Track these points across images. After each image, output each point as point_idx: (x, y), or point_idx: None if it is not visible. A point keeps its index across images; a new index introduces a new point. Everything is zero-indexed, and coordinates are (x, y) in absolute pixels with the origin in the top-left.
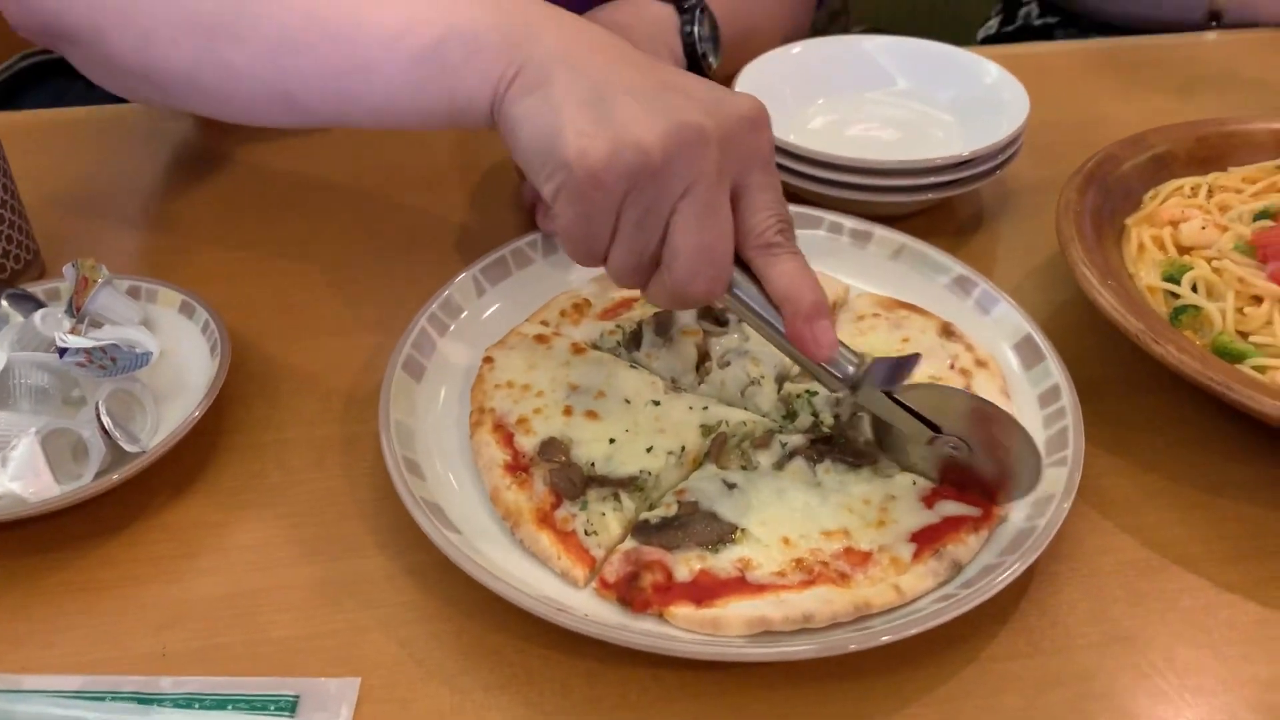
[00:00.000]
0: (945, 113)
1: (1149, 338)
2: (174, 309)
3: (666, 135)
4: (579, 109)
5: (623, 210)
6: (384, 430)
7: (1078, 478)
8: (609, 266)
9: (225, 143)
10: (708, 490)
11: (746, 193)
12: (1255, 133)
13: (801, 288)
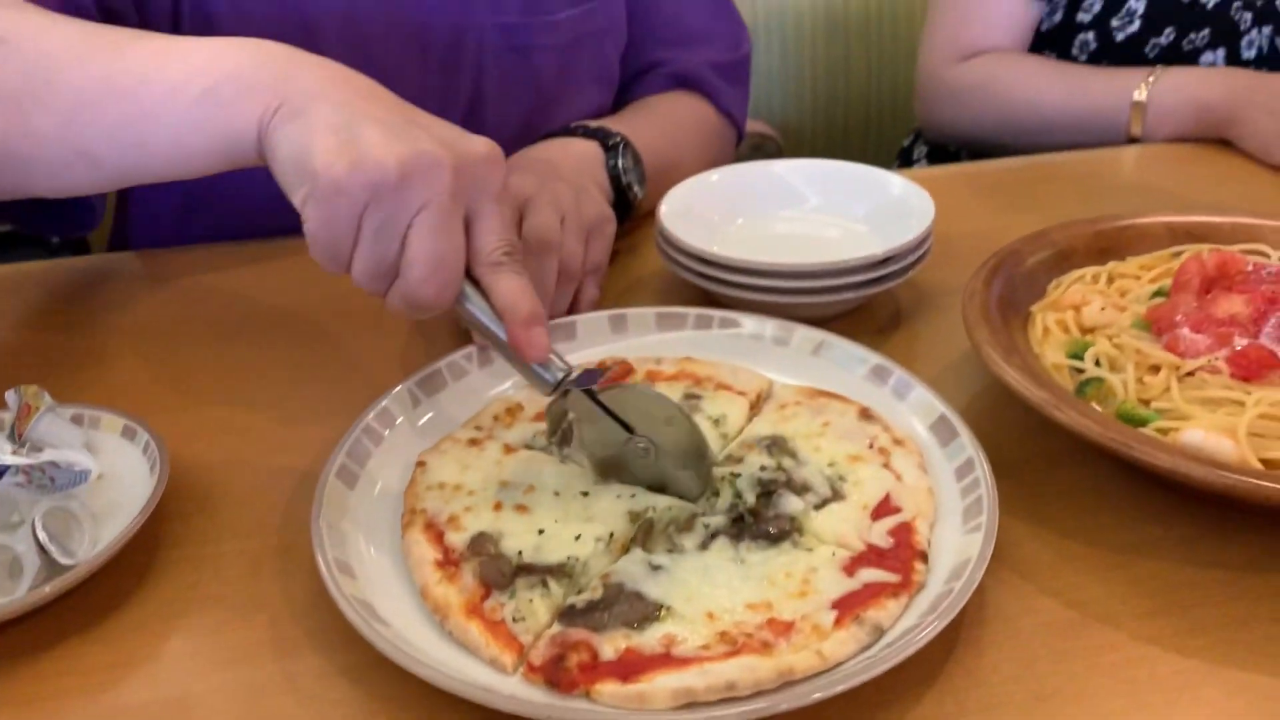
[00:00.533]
0: (858, 224)
1: (1052, 406)
2: (116, 434)
3: (406, 157)
4: (330, 133)
5: (364, 220)
6: (316, 533)
7: (993, 540)
8: (353, 272)
9: (171, 276)
10: (633, 572)
11: (478, 218)
12: (1151, 226)
13: (520, 300)
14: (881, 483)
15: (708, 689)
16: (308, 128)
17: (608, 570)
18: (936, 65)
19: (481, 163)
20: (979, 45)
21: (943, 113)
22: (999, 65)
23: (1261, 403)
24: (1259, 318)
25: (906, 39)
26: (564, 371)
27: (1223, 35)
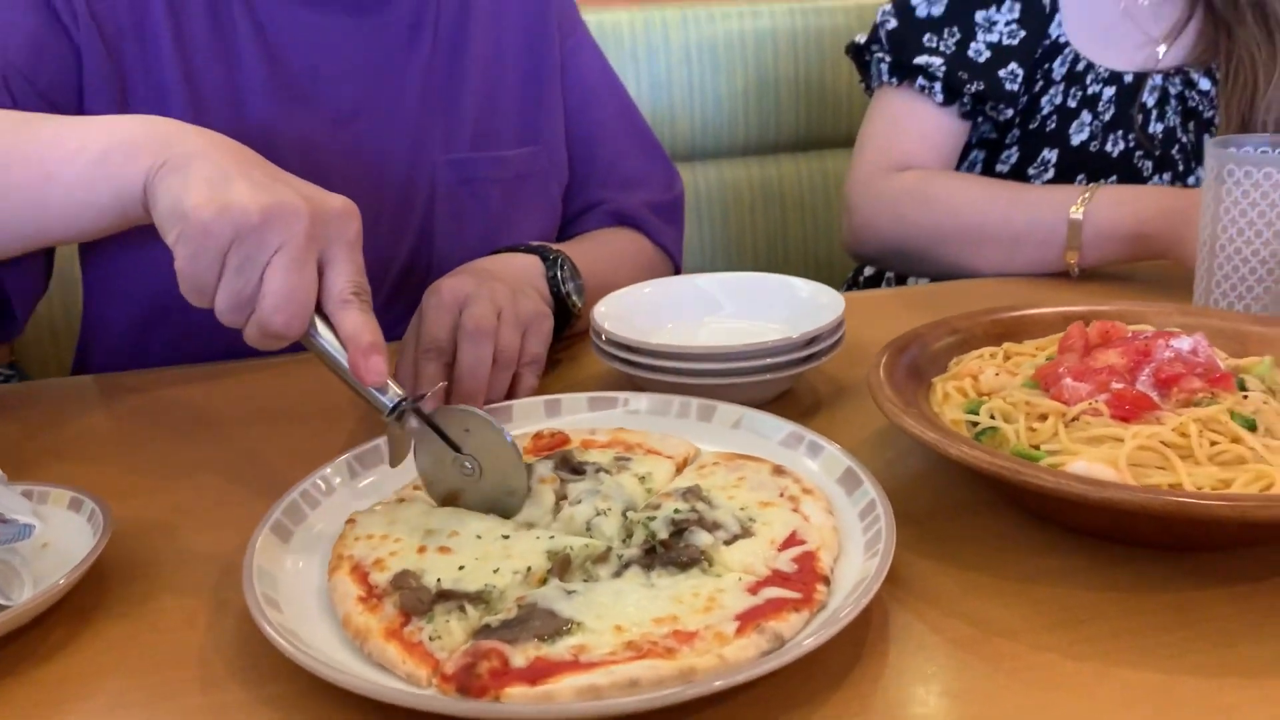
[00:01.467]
0: (774, 324)
1: (945, 445)
2: (63, 506)
3: (267, 204)
4: (204, 184)
5: (228, 257)
6: (246, 570)
7: (889, 560)
8: (216, 304)
9: (126, 391)
10: (548, 595)
11: (331, 263)
12: (1045, 315)
13: (362, 331)
14: (789, 522)
15: (611, 685)
16: (185, 180)
17: (523, 594)
18: (869, 174)
19: (336, 214)
20: (910, 160)
21: (874, 221)
22: (934, 175)
23: (1139, 436)
24: (1134, 368)
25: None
26: (401, 395)
27: (1129, 180)
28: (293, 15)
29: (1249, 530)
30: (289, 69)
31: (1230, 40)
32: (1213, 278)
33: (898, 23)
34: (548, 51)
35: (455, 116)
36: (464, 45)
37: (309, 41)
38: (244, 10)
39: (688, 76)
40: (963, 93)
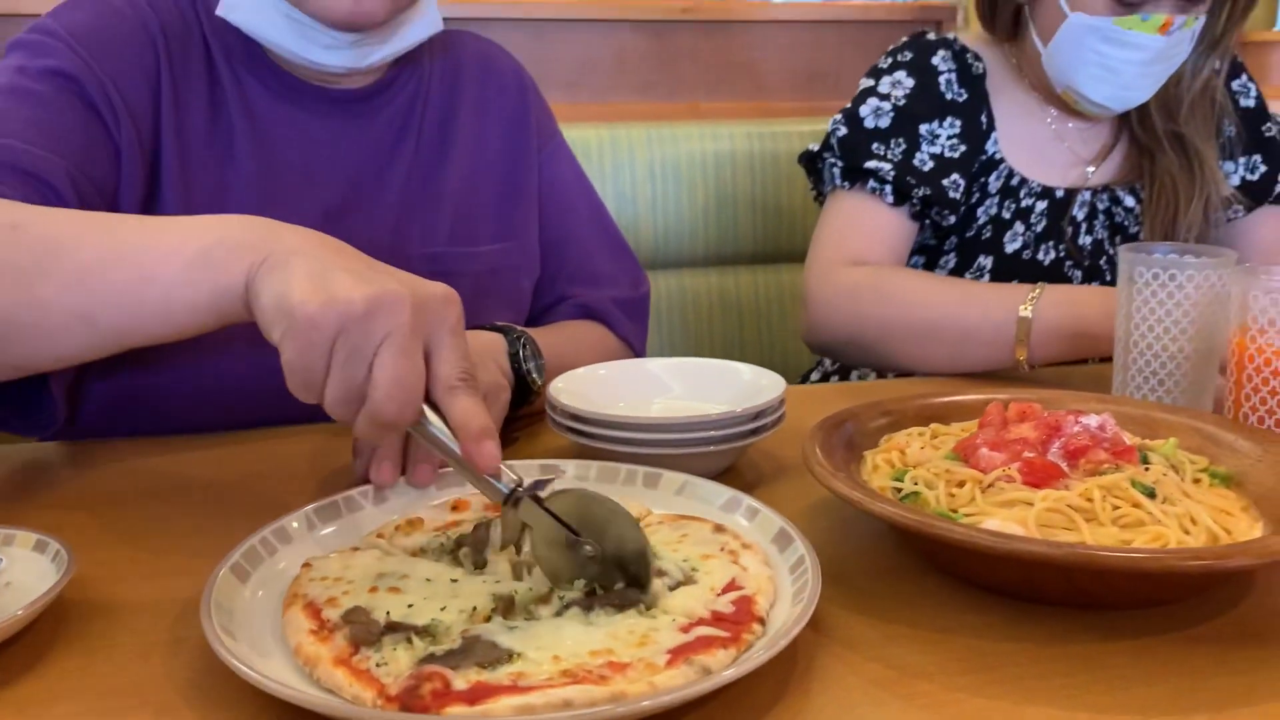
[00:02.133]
0: (719, 405)
1: (867, 503)
2: (29, 548)
3: (370, 295)
4: (307, 279)
5: (334, 350)
6: (204, 602)
7: (813, 605)
8: (325, 398)
9: (99, 459)
10: (490, 629)
11: (437, 350)
12: (971, 401)
13: (473, 418)
14: (729, 572)
15: (546, 705)
16: (287, 276)
17: (468, 628)
18: (827, 267)
19: (438, 301)
20: (864, 256)
21: (831, 312)
22: (890, 270)
23: (1048, 499)
24: (1046, 440)
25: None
26: (515, 482)
27: None
28: (288, 115)
29: (1144, 583)
30: (281, 167)
31: (1153, 165)
32: (1128, 371)
33: (848, 130)
34: (525, 154)
35: (434, 213)
36: (447, 147)
37: (301, 141)
38: (240, 108)
39: (652, 191)
40: (911, 195)
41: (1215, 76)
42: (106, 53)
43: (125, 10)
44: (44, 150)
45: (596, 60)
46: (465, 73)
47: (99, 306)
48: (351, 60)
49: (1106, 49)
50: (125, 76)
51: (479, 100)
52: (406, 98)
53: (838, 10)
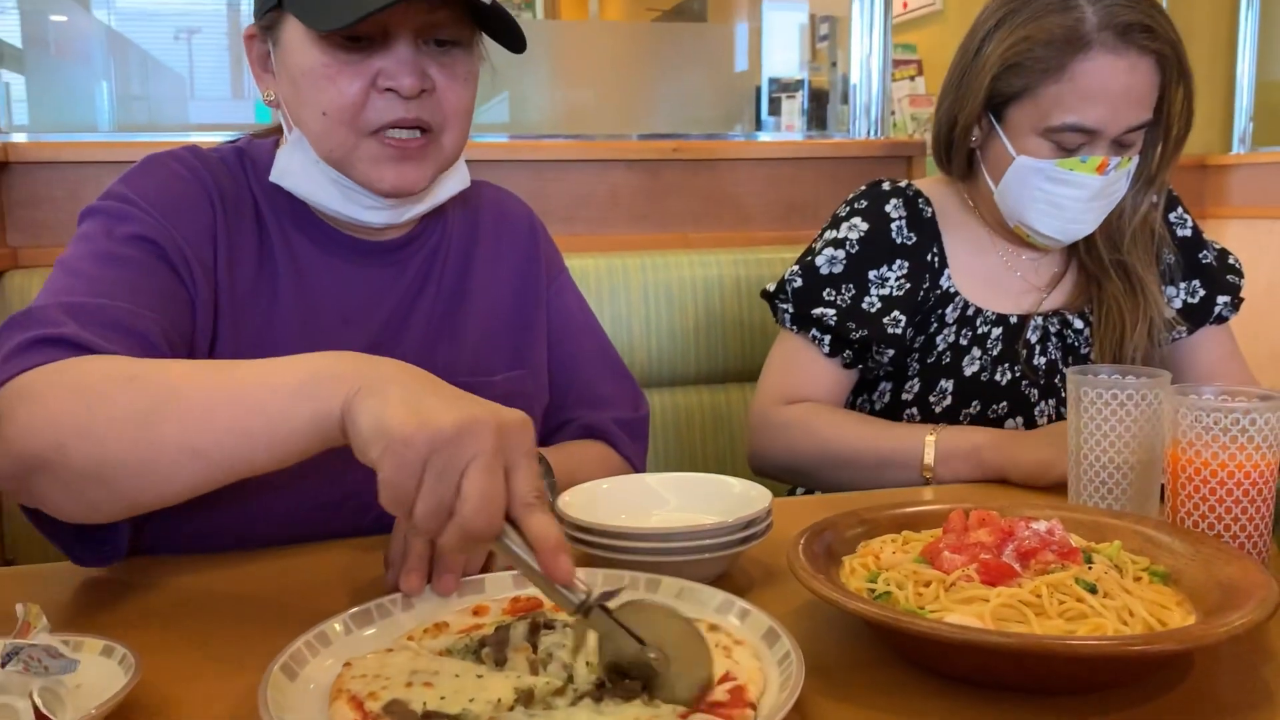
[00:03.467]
0: (710, 515)
1: (844, 601)
2: (96, 653)
3: (460, 419)
4: (401, 404)
5: (427, 468)
6: (261, 694)
7: (798, 690)
8: (416, 513)
9: (157, 576)
10: (514, 716)
11: (514, 471)
12: (939, 510)
13: (549, 532)
14: (724, 665)
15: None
16: (384, 402)
17: (494, 716)
18: (765, 406)
19: (517, 427)
20: (800, 394)
21: (769, 445)
22: (818, 409)
23: (1002, 595)
24: (1000, 543)
25: None
26: (586, 593)
27: (1018, 407)
28: (328, 265)
29: (1084, 668)
30: (320, 309)
31: (1100, 291)
32: (1080, 481)
33: (802, 281)
34: (535, 291)
35: (456, 348)
36: (465, 289)
37: (340, 287)
38: (286, 258)
39: (646, 314)
40: (848, 344)
41: (1154, 210)
42: (178, 216)
43: (187, 176)
44: (141, 309)
45: (592, 196)
46: (482, 220)
47: (212, 441)
48: (391, 218)
49: (1051, 187)
50: (194, 236)
51: (494, 245)
52: (431, 247)
53: (814, 148)
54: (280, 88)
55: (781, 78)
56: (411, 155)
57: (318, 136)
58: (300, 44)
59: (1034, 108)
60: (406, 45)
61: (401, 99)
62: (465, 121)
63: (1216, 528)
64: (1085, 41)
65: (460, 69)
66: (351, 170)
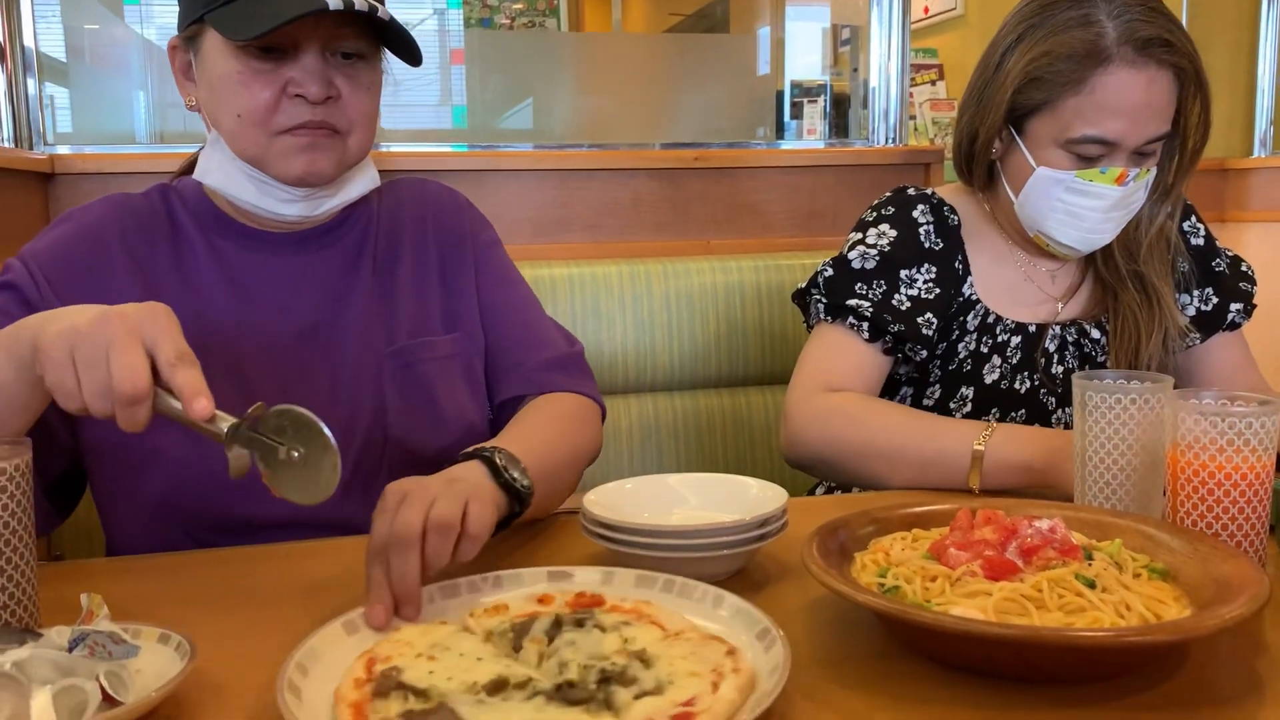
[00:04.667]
0: (728, 514)
1: (854, 594)
2: (154, 641)
3: (91, 318)
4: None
5: (76, 362)
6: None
7: (786, 674)
8: (85, 400)
9: (200, 562)
10: (464, 699)
11: (155, 345)
12: (948, 509)
13: (188, 383)
14: (697, 690)
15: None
16: (44, 331)
17: (447, 695)
18: (807, 393)
19: (145, 311)
20: (841, 384)
21: (808, 433)
22: (864, 399)
23: (1004, 590)
24: (1004, 541)
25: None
26: (230, 422)
27: (1036, 414)
28: (258, 261)
29: (1081, 658)
30: (257, 303)
31: (1116, 301)
32: (1085, 482)
33: (834, 272)
34: (462, 255)
35: (393, 318)
36: (396, 263)
37: (273, 279)
38: (213, 261)
39: (668, 320)
40: (886, 332)
41: (1169, 221)
42: (53, 262)
43: (87, 223)
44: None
45: (616, 205)
46: (406, 204)
47: None
48: (305, 210)
49: (1070, 198)
50: (71, 279)
51: (420, 221)
52: (359, 230)
53: (833, 156)
54: (200, 93)
55: (803, 82)
56: (319, 145)
57: (233, 135)
58: (219, 53)
59: (1054, 120)
60: (314, 56)
61: (309, 104)
62: (369, 125)
63: (1214, 527)
64: (1105, 56)
65: (364, 79)
66: (265, 165)
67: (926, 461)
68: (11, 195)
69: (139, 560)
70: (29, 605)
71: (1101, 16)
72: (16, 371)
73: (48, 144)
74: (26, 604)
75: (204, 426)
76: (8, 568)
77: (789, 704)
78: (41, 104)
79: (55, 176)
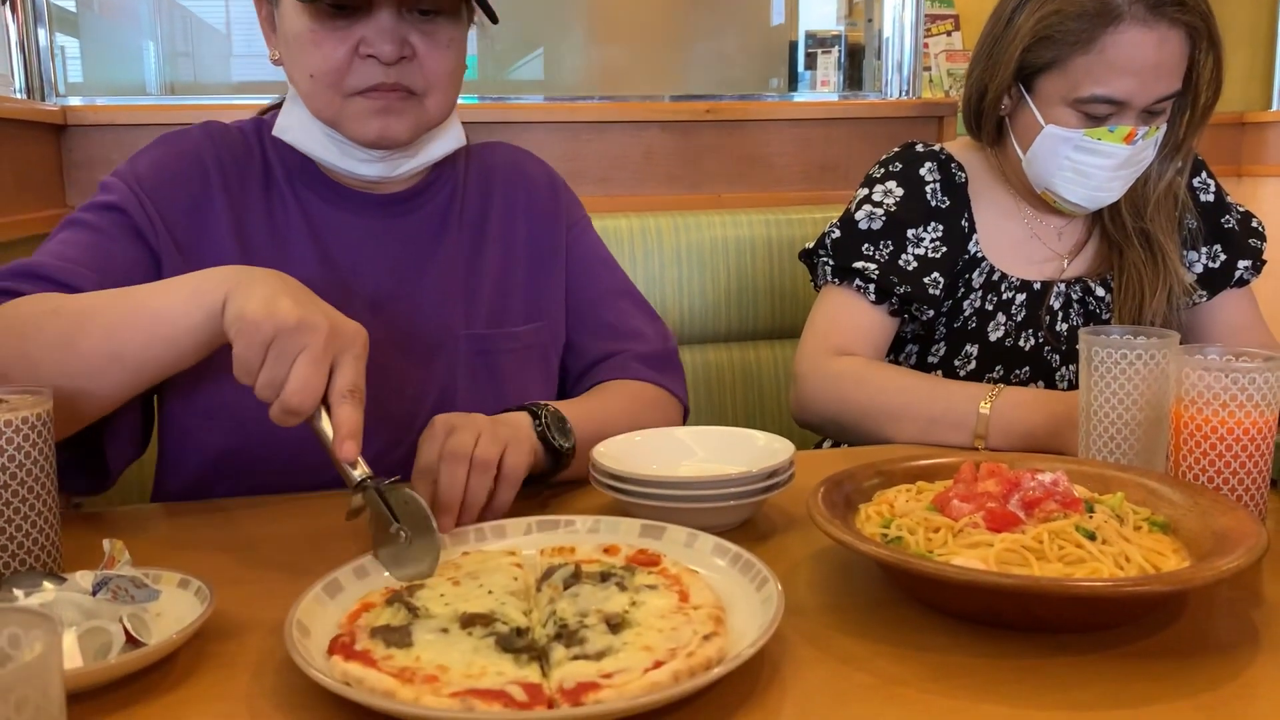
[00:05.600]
0: (736, 466)
1: (856, 543)
2: (174, 585)
3: (300, 316)
4: (259, 299)
5: (269, 349)
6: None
7: (778, 619)
8: (257, 384)
9: (210, 511)
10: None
11: (339, 367)
12: (953, 463)
13: (347, 421)
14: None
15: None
16: (248, 296)
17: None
18: (816, 356)
19: (349, 333)
20: (848, 345)
21: (818, 394)
22: (871, 363)
23: (1005, 541)
24: (1006, 493)
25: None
26: (365, 475)
27: (1040, 371)
28: (338, 218)
29: (1078, 607)
30: (334, 263)
31: (1121, 259)
32: (1090, 436)
33: (841, 233)
34: (553, 240)
35: (474, 299)
36: (482, 238)
37: (352, 239)
38: (298, 213)
39: (678, 274)
40: (892, 294)
41: (1178, 177)
42: (157, 190)
43: (186, 152)
44: (74, 264)
45: (627, 157)
46: (497, 175)
47: (126, 346)
48: (384, 171)
49: (1078, 156)
50: (172, 206)
51: (509, 198)
52: (444, 199)
53: (846, 109)
54: (280, 48)
55: (818, 33)
56: (393, 109)
57: (308, 95)
58: (293, 10)
59: (1063, 79)
60: (389, 14)
61: (381, 65)
62: (451, 84)
63: (1216, 481)
64: (1116, 14)
65: (442, 36)
66: (340, 126)
67: (932, 419)
68: (26, 147)
69: (157, 508)
70: (53, 551)
71: None
72: (204, 319)
73: (59, 95)
74: (50, 549)
75: (342, 465)
76: (31, 514)
77: (792, 648)
78: (53, 55)
79: (67, 128)
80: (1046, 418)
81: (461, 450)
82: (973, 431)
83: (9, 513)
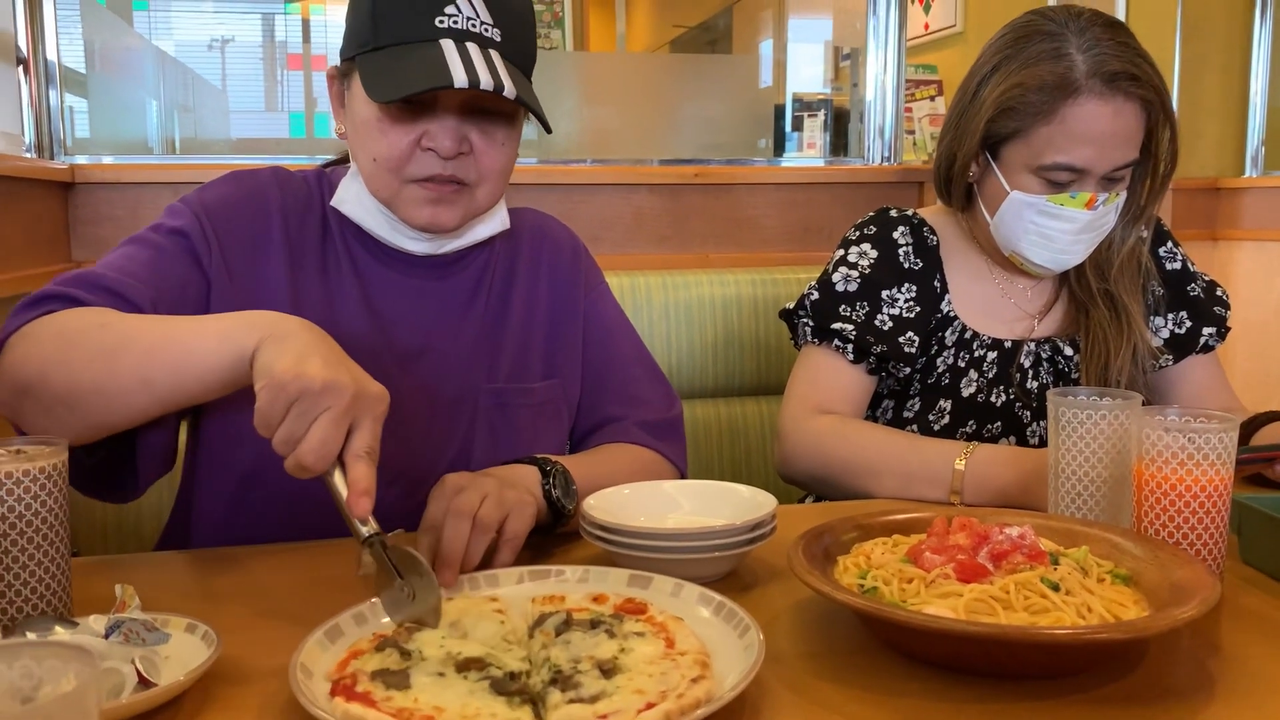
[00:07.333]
0: (719, 519)
1: (833, 593)
2: (181, 630)
3: (327, 379)
4: (290, 355)
5: (291, 408)
6: (292, 666)
7: (758, 665)
8: (274, 438)
9: (227, 562)
10: (425, 669)
11: (358, 428)
12: (930, 518)
13: (361, 479)
14: (625, 706)
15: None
16: (279, 351)
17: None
18: (798, 415)
19: (372, 397)
20: (829, 403)
21: (801, 452)
22: (851, 421)
23: (974, 591)
24: (976, 546)
25: None
26: (374, 532)
27: (1011, 427)
28: (385, 275)
29: (1041, 654)
30: (378, 315)
31: (1087, 319)
32: (1058, 492)
33: (819, 295)
34: (573, 303)
35: (497, 355)
36: (508, 301)
37: (395, 294)
38: (349, 263)
39: (666, 331)
40: (869, 353)
41: (1141, 244)
42: (223, 221)
43: (253, 190)
44: (133, 278)
45: (617, 218)
46: (524, 238)
47: (156, 374)
48: (430, 249)
49: (1042, 220)
50: (235, 238)
51: (534, 260)
52: (479, 267)
53: (829, 174)
54: (347, 125)
55: (804, 96)
56: (445, 199)
57: (368, 176)
58: (362, 96)
59: (1026, 147)
60: (451, 114)
61: (440, 158)
62: (501, 178)
63: (1175, 535)
64: (1075, 88)
65: (499, 135)
66: (394, 208)
67: (909, 475)
68: (34, 204)
69: (162, 556)
70: (64, 596)
71: (1072, 50)
72: (233, 362)
73: (67, 153)
74: (61, 595)
75: (352, 520)
76: (45, 560)
77: (772, 693)
78: (63, 115)
79: (75, 186)
80: (1018, 474)
81: (466, 509)
82: (949, 487)
83: (24, 559)
